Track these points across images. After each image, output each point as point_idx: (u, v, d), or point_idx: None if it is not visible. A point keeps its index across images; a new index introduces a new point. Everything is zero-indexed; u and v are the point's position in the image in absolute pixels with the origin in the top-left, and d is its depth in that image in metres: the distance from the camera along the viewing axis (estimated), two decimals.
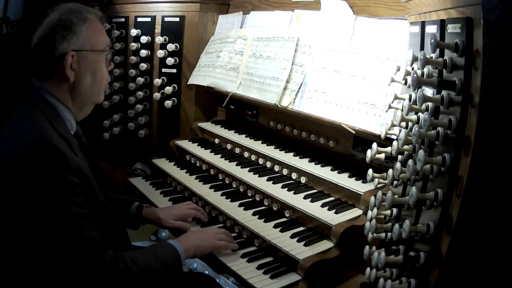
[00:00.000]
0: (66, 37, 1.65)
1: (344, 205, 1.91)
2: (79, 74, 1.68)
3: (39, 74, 1.69)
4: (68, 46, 1.65)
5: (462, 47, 1.21)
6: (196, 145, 2.68)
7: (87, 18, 1.71)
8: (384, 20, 1.98)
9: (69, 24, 1.66)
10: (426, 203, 1.30)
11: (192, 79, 2.84)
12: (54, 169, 1.48)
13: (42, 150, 1.48)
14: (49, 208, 1.47)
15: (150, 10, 2.93)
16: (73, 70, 1.66)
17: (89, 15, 1.73)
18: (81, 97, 1.72)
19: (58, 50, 1.64)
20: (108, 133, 3.00)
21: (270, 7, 2.65)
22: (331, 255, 1.69)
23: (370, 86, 1.91)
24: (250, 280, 1.69)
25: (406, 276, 1.33)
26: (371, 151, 1.58)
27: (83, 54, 1.68)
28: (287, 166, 2.19)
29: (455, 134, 1.23)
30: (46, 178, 1.47)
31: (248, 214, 2.03)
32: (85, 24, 1.69)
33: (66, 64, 1.64)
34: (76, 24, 1.67)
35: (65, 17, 1.67)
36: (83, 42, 1.68)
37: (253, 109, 2.67)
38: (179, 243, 1.74)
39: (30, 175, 1.47)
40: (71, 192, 1.51)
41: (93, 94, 1.76)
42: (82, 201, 1.54)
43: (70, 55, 1.64)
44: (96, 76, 1.74)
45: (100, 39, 1.75)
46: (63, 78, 1.66)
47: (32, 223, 1.48)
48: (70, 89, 1.69)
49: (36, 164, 1.47)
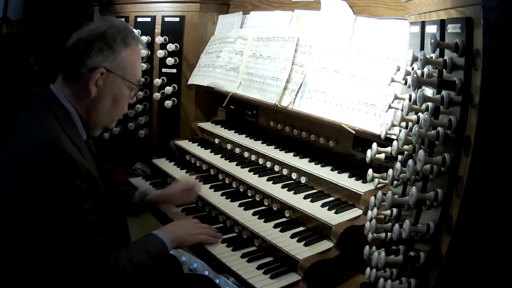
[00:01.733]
0: (104, 52, 1.63)
1: (344, 205, 1.91)
2: (102, 93, 1.66)
3: (66, 75, 1.67)
4: (102, 62, 1.63)
5: (462, 47, 1.21)
6: (196, 145, 2.68)
7: (130, 44, 1.69)
8: (384, 20, 1.98)
9: (111, 42, 1.64)
10: (426, 203, 1.30)
11: (192, 79, 2.84)
12: (64, 175, 1.47)
13: (53, 154, 1.47)
14: (55, 212, 1.47)
15: (150, 10, 2.93)
16: (97, 86, 1.63)
17: (134, 42, 1.71)
18: (96, 116, 1.71)
19: (91, 60, 1.62)
20: (108, 133, 2.99)
21: (270, 7, 2.65)
22: (331, 255, 1.69)
23: (370, 86, 1.91)
24: (250, 280, 1.69)
25: (406, 276, 1.33)
26: (371, 151, 1.58)
27: (113, 76, 1.66)
28: (287, 166, 2.19)
29: (455, 134, 1.23)
30: (55, 183, 1.47)
31: (248, 214, 2.03)
32: (126, 49, 1.67)
33: (93, 77, 1.62)
34: (118, 44, 1.65)
35: (110, 32, 1.65)
36: (118, 64, 1.66)
37: (253, 109, 2.67)
38: (164, 234, 1.76)
39: (38, 177, 1.46)
40: (79, 198, 1.51)
41: (108, 118, 1.75)
42: (90, 207, 1.54)
43: (100, 71, 1.62)
44: (117, 102, 1.72)
45: (134, 71, 1.74)
46: (85, 90, 1.64)
47: (36, 225, 1.48)
48: (88, 104, 1.67)
49: (46, 167, 1.46)
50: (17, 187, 1.49)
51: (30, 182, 1.46)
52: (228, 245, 1.93)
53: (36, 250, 1.51)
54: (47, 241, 1.48)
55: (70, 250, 1.48)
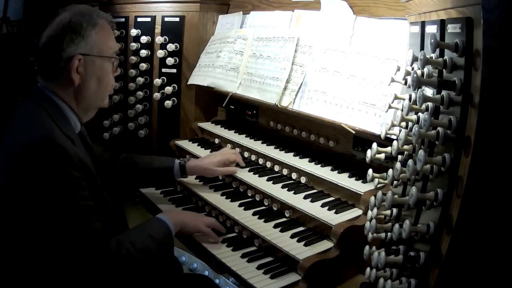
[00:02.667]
0: (75, 41, 1.65)
1: (344, 205, 1.91)
2: (85, 78, 1.69)
3: (45, 74, 1.70)
4: (76, 50, 1.65)
5: (462, 47, 1.21)
6: (196, 145, 2.68)
7: (97, 23, 1.71)
8: (384, 20, 1.98)
9: (79, 28, 1.66)
10: (426, 203, 1.30)
11: (192, 79, 2.84)
12: (58, 166, 1.50)
13: (45, 147, 1.49)
14: (54, 202, 1.49)
15: (150, 10, 2.93)
16: (79, 73, 1.67)
17: (100, 19, 1.73)
18: (86, 101, 1.73)
19: (65, 52, 1.64)
20: (108, 133, 3.00)
21: (270, 7, 2.65)
22: (331, 255, 1.69)
23: (370, 86, 1.91)
24: (250, 280, 1.69)
25: (406, 276, 1.33)
26: (371, 151, 1.58)
27: (90, 58, 1.69)
28: (287, 166, 2.19)
29: (455, 134, 1.23)
30: (50, 174, 1.49)
31: (248, 214, 2.03)
32: (94, 29, 1.70)
33: (72, 67, 1.65)
34: (85, 28, 1.67)
35: (75, 19, 1.67)
36: (91, 46, 1.68)
37: (253, 109, 2.66)
38: (168, 217, 1.78)
39: (34, 171, 1.48)
40: (75, 185, 1.53)
41: (97, 98, 1.78)
42: (87, 194, 1.56)
43: (77, 58, 1.65)
44: (101, 81, 1.75)
45: (109, 45, 1.76)
46: (68, 81, 1.67)
47: (35, 218, 1.50)
48: (75, 92, 1.70)
49: (40, 160, 1.48)
50: (15, 184, 1.51)
51: (27, 177, 1.49)
52: (228, 245, 1.93)
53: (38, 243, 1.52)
54: (48, 232, 1.50)
55: (71, 238, 1.50)
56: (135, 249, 1.60)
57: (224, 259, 1.83)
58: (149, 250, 1.64)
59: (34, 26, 3.72)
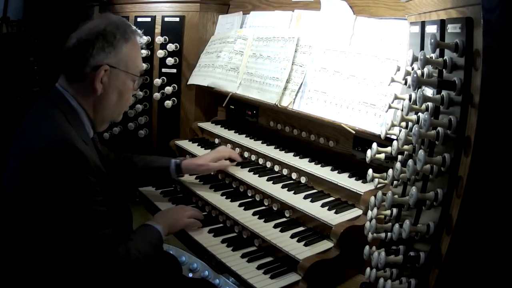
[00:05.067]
0: (105, 49, 1.66)
1: (344, 205, 1.91)
2: (107, 90, 1.70)
3: (69, 76, 1.69)
4: (104, 59, 1.66)
5: (462, 47, 1.21)
6: (196, 145, 2.68)
7: (130, 38, 1.72)
8: (384, 20, 1.98)
9: (111, 38, 1.67)
10: (426, 203, 1.30)
11: (192, 79, 2.84)
12: (76, 170, 1.51)
13: (64, 150, 1.50)
14: (69, 207, 1.50)
15: (150, 10, 2.93)
16: (102, 83, 1.67)
17: (133, 35, 1.74)
18: (104, 111, 1.74)
19: (94, 58, 1.65)
20: (108, 133, 2.99)
21: (270, 7, 2.65)
22: (331, 255, 1.69)
23: (370, 86, 1.91)
24: (250, 280, 1.70)
25: (406, 276, 1.33)
26: (371, 151, 1.58)
27: (116, 71, 1.69)
28: (287, 166, 2.19)
29: (455, 134, 1.23)
30: (68, 178, 1.50)
31: (248, 214, 2.03)
32: (126, 43, 1.70)
33: (98, 75, 1.65)
34: (118, 40, 1.68)
35: (109, 29, 1.67)
36: (119, 60, 1.69)
37: (253, 109, 2.66)
38: (157, 224, 1.85)
39: (51, 173, 1.48)
40: (91, 191, 1.55)
41: (115, 112, 1.79)
42: (100, 200, 1.58)
43: (104, 68, 1.65)
44: (122, 96, 1.76)
45: (136, 63, 1.77)
46: (91, 88, 1.67)
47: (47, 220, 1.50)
48: (94, 101, 1.71)
49: (57, 163, 1.49)
50: (26, 183, 1.51)
51: (41, 178, 1.49)
52: (228, 245, 1.93)
53: (49, 245, 1.53)
54: (61, 235, 1.51)
55: (84, 242, 1.51)
56: (141, 254, 1.65)
57: (224, 259, 1.83)
58: (150, 255, 1.71)
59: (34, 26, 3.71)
